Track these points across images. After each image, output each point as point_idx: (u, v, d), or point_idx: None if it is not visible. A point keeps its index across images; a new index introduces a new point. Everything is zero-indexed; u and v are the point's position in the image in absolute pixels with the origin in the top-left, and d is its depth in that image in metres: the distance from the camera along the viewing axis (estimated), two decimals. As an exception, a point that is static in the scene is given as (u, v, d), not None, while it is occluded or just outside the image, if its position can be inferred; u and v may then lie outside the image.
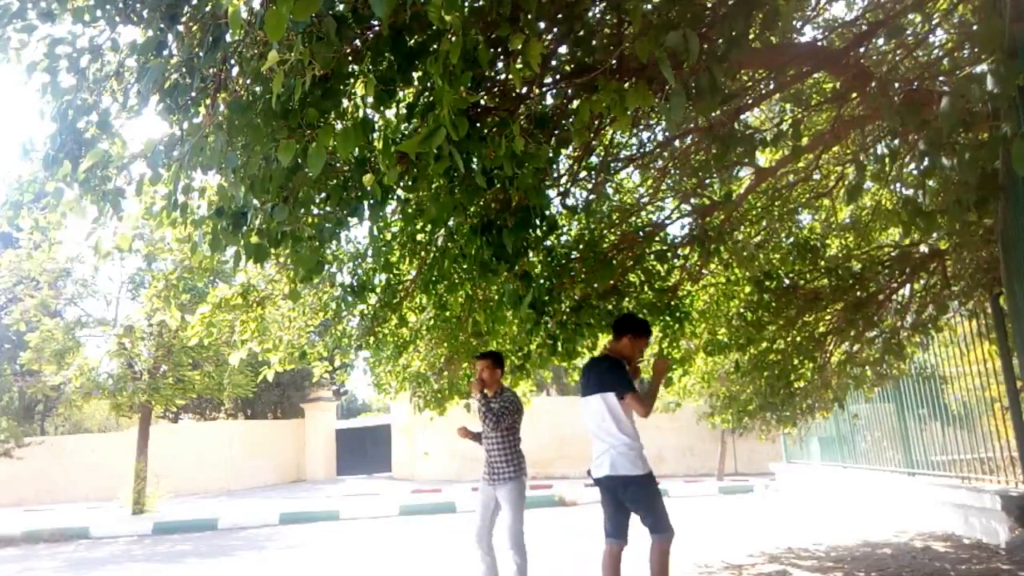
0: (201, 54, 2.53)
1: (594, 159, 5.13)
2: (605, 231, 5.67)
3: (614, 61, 2.90)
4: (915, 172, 4.06)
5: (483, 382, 4.92)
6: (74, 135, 3.06)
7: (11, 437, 19.94)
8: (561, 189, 4.85)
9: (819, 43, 4.73)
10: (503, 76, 3.36)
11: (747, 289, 6.35)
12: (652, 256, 5.59)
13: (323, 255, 4.29)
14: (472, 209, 3.70)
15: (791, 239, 6.44)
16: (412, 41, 2.70)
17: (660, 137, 5.30)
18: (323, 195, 3.21)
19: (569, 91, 3.66)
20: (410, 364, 7.47)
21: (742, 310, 6.19)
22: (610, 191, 6.09)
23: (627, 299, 5.39)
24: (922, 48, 4.56)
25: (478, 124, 3.08)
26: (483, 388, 4.91)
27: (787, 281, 6.05)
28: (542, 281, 4.60)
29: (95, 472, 21.19)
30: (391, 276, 5.46)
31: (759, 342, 6.33)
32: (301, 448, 25.83)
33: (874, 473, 9.32)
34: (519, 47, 2.49)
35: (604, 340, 6.16)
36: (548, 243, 4.90)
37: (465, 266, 4.49)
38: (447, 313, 5.73)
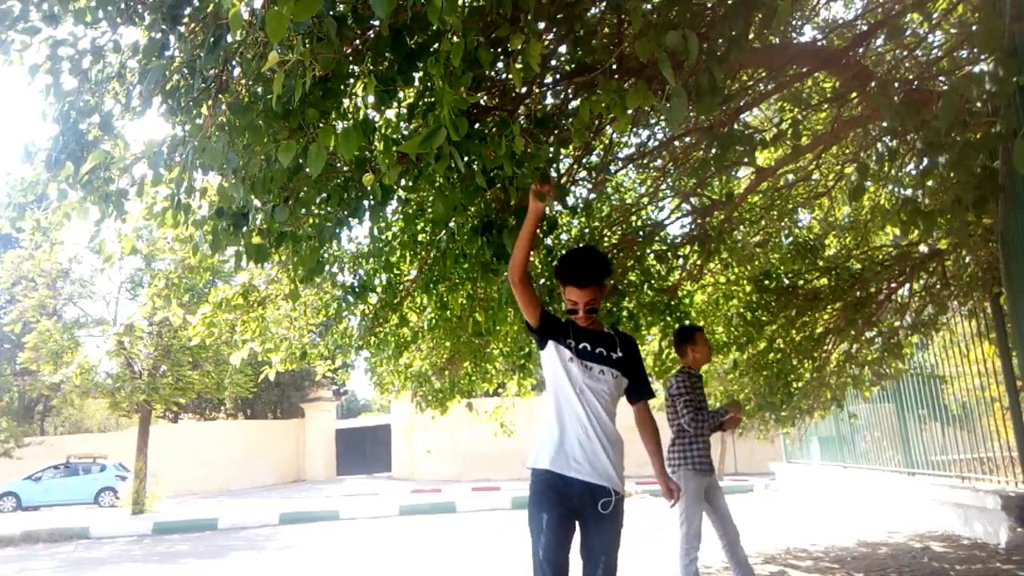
0: (202, 55, 2.54)
1: (594, 158, 5.14)
2: (605, 231, 5.68)
3: (614, 61, 2.90)
4: (914, 172, 4.07)
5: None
6: (76, 136, 3.06)
7: (11, 437, 19.98)
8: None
9: (819, 43, 4.74)
10: (503, 76, 3.36)
11: (747, 289, 6.35)
12: (652, 256, 5.59)
13: (324, 255, 4.29)
14: (472, 209, 3.71)
15: (791, 239, 6.45)
16: (412, 41, 2.70)
17: (660, 137, 5.31)
18: (324, 195, 3.21)
19: (569, 91, 3.67)
20: (412, 364, 7.48)
21: (741, 310, 6.20)
22: (610, 191, 6.10)
23: (627, 299, 5.40)
24: (922, 48, 4.57)
25: (478, 124, 3.09)
26: None
27: (786, 281, 6.05)
28: (542, 281, 4.61)
29: (95, 472, 21.18)
30: (392, 276, 5.47)
31: (758, 342, 6.33)
32: (301, 448, 25.84)
33: (874, 473, 9.33)
34: (519, 47, 2.50)
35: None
36: (548, 243, 4.90)
37: (466, 266, 4.50)
38: (448, 313, 5.73)
